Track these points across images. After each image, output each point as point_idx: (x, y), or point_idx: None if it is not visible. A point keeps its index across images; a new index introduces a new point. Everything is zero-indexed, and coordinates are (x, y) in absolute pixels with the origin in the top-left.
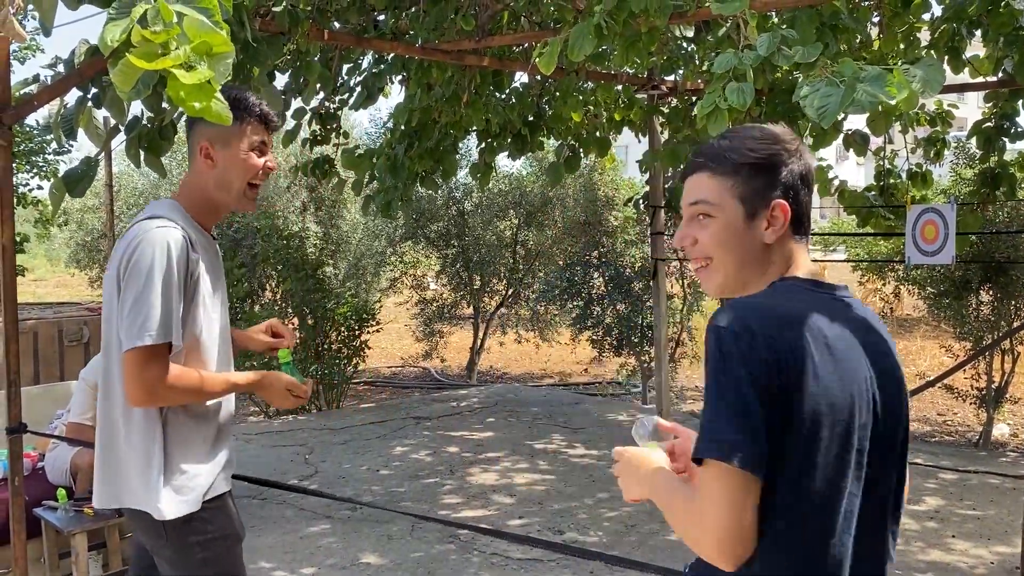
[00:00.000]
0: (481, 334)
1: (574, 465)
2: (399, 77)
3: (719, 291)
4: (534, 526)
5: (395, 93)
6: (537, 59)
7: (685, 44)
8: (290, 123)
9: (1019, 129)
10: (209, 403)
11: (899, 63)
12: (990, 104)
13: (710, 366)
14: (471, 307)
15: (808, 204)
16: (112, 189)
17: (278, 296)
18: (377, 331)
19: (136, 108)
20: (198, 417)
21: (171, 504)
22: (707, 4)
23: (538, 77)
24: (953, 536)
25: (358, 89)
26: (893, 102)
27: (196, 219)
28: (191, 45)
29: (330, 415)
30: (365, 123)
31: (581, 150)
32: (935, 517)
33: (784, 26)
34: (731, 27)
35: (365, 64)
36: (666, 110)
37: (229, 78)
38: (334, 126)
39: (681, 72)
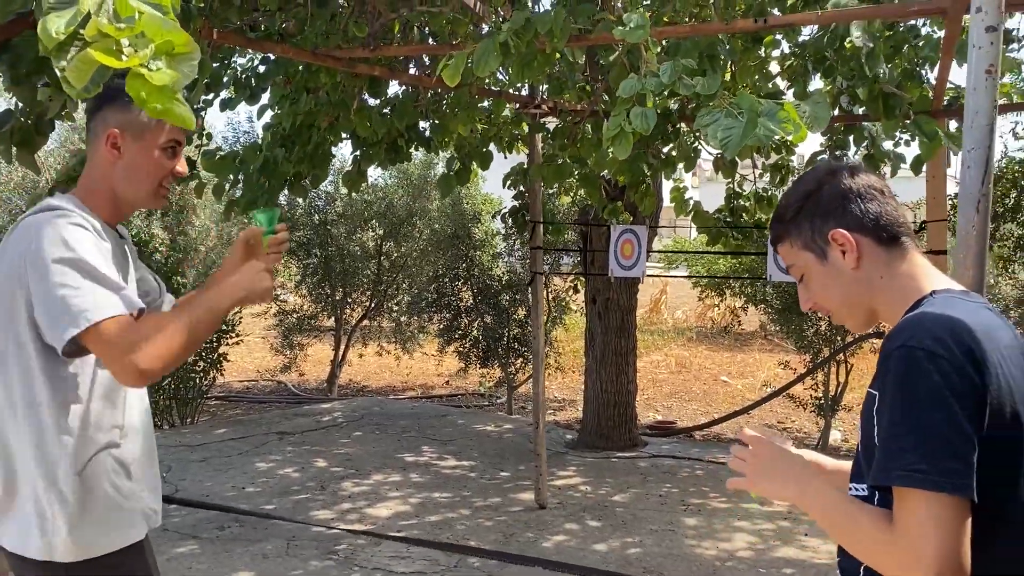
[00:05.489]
0: (343, 347)
1: (447, 476)
2: (278, 78)
3: (858, 329)
4: (413, 542)
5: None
6: (442, 72)
7: (567, 67)
8: None
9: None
10: (124, 431)
11: (747, 93)
12: (826, 136)
13: (904, 388)
14: (332, 319)
15: (876, 213)
16: None
17: None
18: (237, 343)
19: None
20: (106, 446)
21: (68, 547)
22: (601, 28)
23: (432, 90)
24: (805, 534)
25: (230, 89)
26: (790, 137)
27: (100, 214)
28: (155, 44)
29: (185, 431)
30: (220, 125)
31: (465, 163)
32: (788, 517)
33: (666, 54)
34: (623, 52)
35: (238, 64)
36: (550, 129)
37: (195, 78)
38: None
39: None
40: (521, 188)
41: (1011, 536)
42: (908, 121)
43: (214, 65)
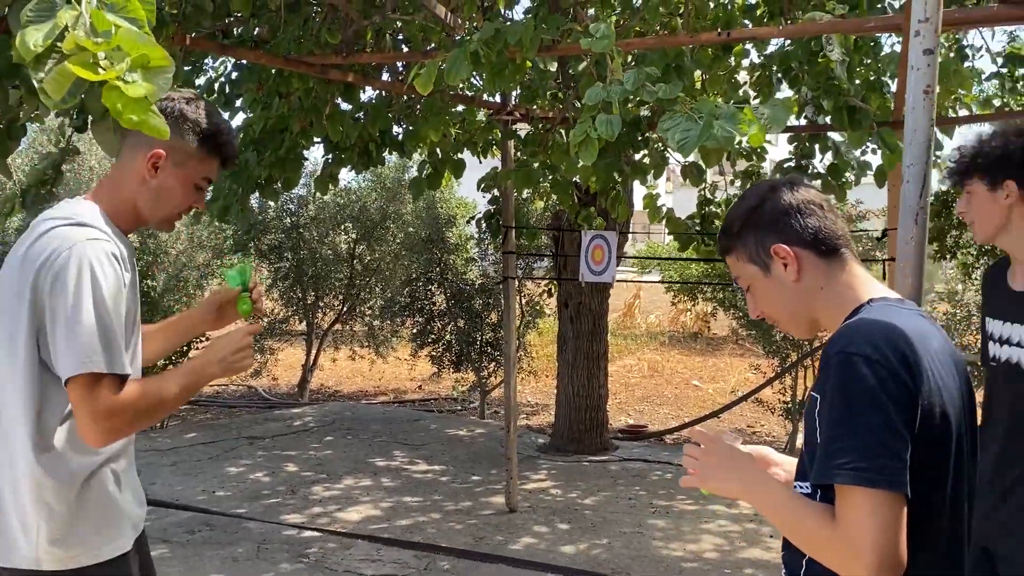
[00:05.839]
0: (314, 351)
1: (418, 481)
2: (251, 83)
3: (803, 336)
4: (383, 541)
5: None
6: (414, 80)
7: (537, 75)
8: None
9: (815, 169)
10: (126, 444)
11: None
12: (793, 145)
13: (843, 390)
14: (303, 323)
15: (815, 227)
16: None
17: None
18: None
19: None
20: (89, 456)
21: (58, 557)
22: (570, 40)
23: (405, 96)
24: (771, 536)
25: (203, 95)
26: (745, 138)
27: (117, 224)
28: (131, 58)
29: (154, 435)
30: None
31: (437, 168)
32: (754, 519)
33: (633, 63)
34: (591, 62)
35: (210, 68)
36: (521, 135)
37: (168, 91)
38: None
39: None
40: (495, 192)
41: (940, 529)
42: (872, 133)
43: (186, 69)
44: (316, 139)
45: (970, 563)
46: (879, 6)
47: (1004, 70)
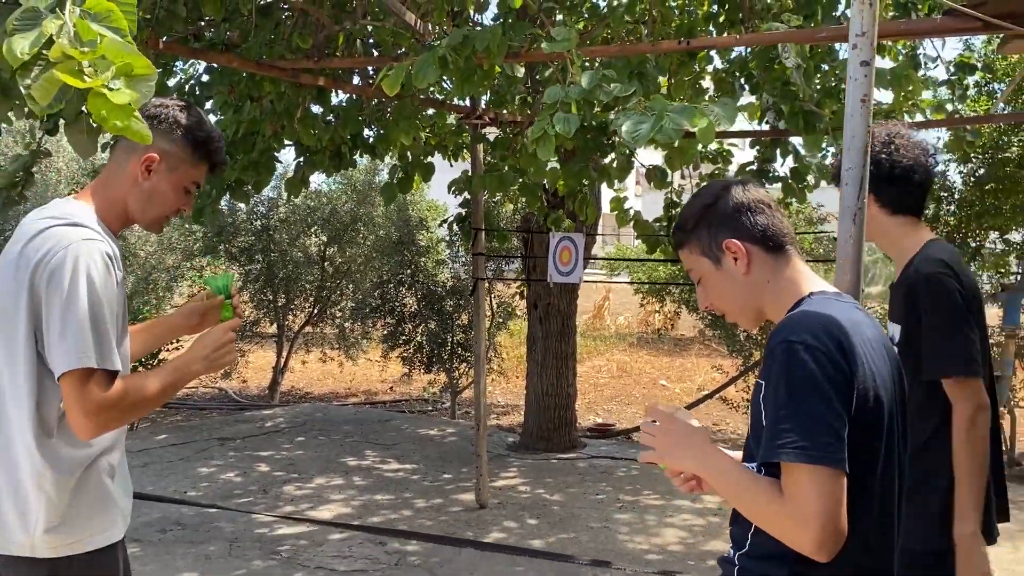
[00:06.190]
0: (285, 353)
1: (389, 480)
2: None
3: (750, 327)
4: (356, 539)
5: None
6: (382, 82)
7: (507, 81)
8: None
9: (776, 173)
10: (119, 436)
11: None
12: (755, 149)
13: (787, 376)
14: (274, 325)
15: (764, 224)
16: None
17: None
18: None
19: None
20: (85, 447)
21: (53, 544)
22: (537, 46)
23: (375, 100)
24: None
25: (174, 97)
26: (695, 129)
27: (107, 224)
28: (115, 67)
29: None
30: None
31: (408, 172)
32: (718, 513)
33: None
34: (557, 68)
35: (179, 69)
36: (491, 139)
37: (150, 98)
38: None
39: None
40: (467, 195)
41: (872, 504)
42: (827, 136)
43: (157, 71)
44: (288, 142)
45: None
46: (834, 14)
47: (955, 78)
